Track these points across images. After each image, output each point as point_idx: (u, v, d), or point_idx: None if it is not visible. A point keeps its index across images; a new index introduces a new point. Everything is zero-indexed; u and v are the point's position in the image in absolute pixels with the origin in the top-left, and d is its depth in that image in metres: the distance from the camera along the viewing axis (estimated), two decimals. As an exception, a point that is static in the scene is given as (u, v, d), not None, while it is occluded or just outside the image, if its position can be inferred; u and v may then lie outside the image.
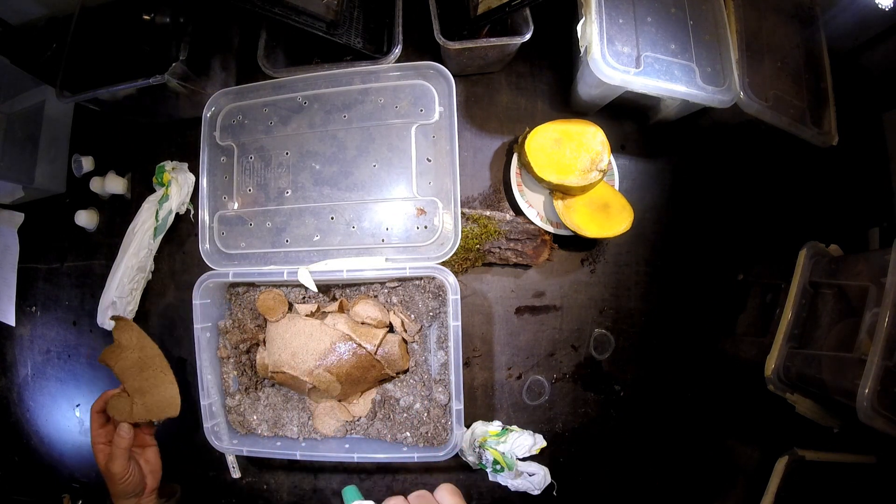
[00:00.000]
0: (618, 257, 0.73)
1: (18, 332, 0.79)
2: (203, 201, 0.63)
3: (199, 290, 0.60)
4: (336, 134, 0.62)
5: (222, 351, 0.63)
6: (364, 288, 0.65)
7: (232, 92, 0.65)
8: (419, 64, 0.60)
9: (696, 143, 0.75)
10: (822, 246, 0.64)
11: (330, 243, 0.61)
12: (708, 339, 0.66)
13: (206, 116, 0.64)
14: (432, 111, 0.60)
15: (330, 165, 0.62)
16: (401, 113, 0.61)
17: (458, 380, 0.57)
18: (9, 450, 0.79)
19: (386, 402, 0.63)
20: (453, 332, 0.57)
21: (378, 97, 0.62)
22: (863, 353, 0.52)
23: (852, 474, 0.63)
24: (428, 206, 0.60)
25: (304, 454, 0.59)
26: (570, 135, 0.65)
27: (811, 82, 0.68)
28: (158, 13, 0.64)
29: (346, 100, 0.62)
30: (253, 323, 0.64)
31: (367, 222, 0.61)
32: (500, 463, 0.67)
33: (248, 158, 0.64)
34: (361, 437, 0.63)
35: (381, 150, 0.61)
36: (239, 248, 0.63)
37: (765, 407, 0.59)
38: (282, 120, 0.64)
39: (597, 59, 0.57)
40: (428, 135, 0.61)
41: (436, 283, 0.61)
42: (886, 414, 0.48)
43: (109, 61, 0.65)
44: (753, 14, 0.66)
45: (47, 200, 0.79)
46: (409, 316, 0.63)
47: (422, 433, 0.61)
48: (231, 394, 0.63)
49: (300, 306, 0.62)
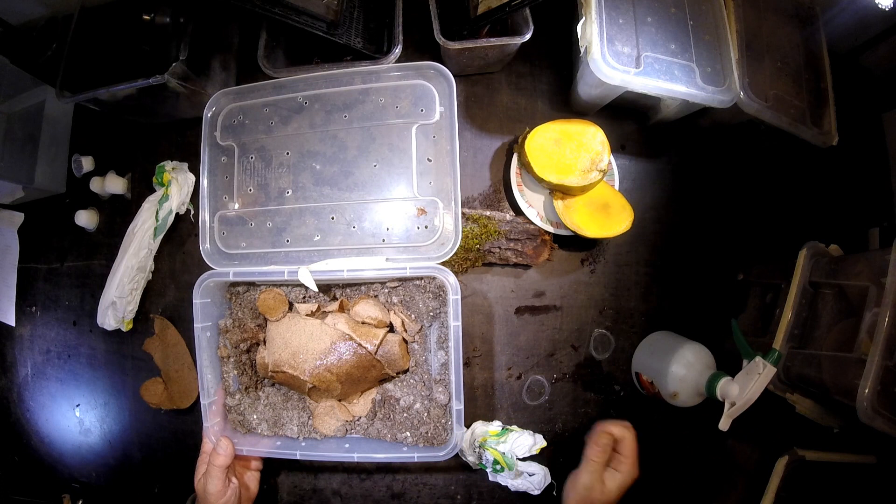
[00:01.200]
0: (618, 257, 0.73)
1: (18, 332, 0.79)
2: (203, 201, 0.63)
3: (200, 290, 0.60)
4: (336, 134, 0.62)
5: (222, 350, 0.63)
6: (364, 288, 0.65)
7: (232, 92, 0.64)
8: (420, 64, 0.60)
9: (696, 143, 0.75)
10: (822, 246, 0.64)
11: (330, 243, 0.61)
12: (708, 339, 0.66)
13: (206, 116, 0.64)
14: (433, 111, 0.60)
15: (330, 165, 0.62)
16: (401, 113, 0.61)
17: (458, 380, 0.57)
18: (9, 450, 0.79)
19: (386, 401, 0.63)
20: (454, 332, 0.57)
21: (379, 97, 0.62)
22: (863, 353, 0.52)
23: (852, 474, 0.63)
24: (428, 206, 0.60)
25: (305, 454, 0.59)
26: (570, 135, 0.65)
27: (811, 82, 0.68)
28: (158, 13, 0.64)
29: (346, 100, 0.62)
30: (253, 322, 0.64)
31: (368, 222, 0.61)
32: (500, 463, 0.67)
33: (249, 158, 0.64)
34: (361, 437, 0.63)
35: (381, 150, 0.61)
36: (239, 247, 0.63)
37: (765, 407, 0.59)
38: (282, 120, 0.63)
39: (597, 59, 0.57)
40: (428, 135, 0.60)
41: (436, 283, 0.61)
42: (886, 414, 0.48)
43: (109, 61, 0.65)
44: (753, 14, 0.66)
45: (47, 200, 0.79)
46: (409, 316, 0.63)
47: (422, 433, 0.61)
48: (231, 393, 0.63)
49: (300, 306, 0.62)
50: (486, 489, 0.70)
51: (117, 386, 0.75)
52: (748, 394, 0.55)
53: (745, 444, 0.69)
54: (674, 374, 0.63)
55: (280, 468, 0.72)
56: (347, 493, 0.71)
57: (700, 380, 0.61)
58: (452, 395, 0.57)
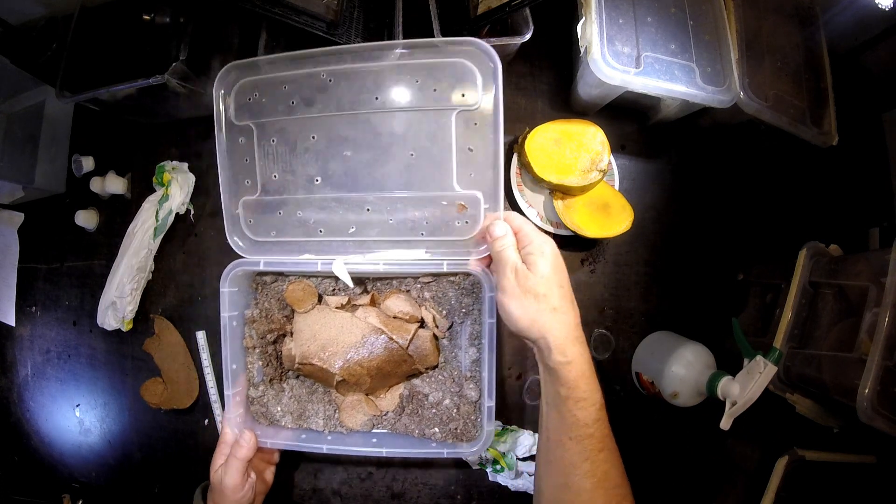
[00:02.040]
0: (618, 257, 0.73)
1: (18, 332, 0.79)
2: (223, 185, 0.59)
3: (228, 279, 0.58)
4: (368, 118, 0.57)
5: (248, 341, 0.62)
6: (396, 282, 0.65)
7: (244, 65, 0.58)
8: (459, 40, 0.53)
9: (696, 143, 0.75)
10: (822, 246, 0.64)
11: (367, 235, 0.59)
12: (708, 339, 0.66)
13: (218, 94, 0.58)
14: (475, 95, 0.54)
15: (363, 153, 0.57)
16: (440, 97, 0.55)
17: (490, 376, 0.56)
18: (9, 450, 0.79)
19: (414, 397, 0.62)
20: (488, 328, 0.56)
21: (414, 77, 0.55)
22: (863, 353, 0.52)
23: (852, 474, 0.63)
24: (469, 201, 0.56)
25: (331, 448, 0.58)
26: (570, 135, 0.65)
27: (811, 82, 0.68)
28: (158, 13, 0.64)
29: (377, 79, 0.56)
30: (281, 313, 0.63)
31: (405, 215, 0.58)
32: (500, 463, 0.67)
33: (270, 142, 0.59)
34: (388, 432, 0.62)
35: (418, 138, 0.56)
36: (269, 236, 0.60)
37: (765, 407, 0.59)
38: (304, 100, 0.57)
39: (597, 59, 0.57)
40: (469, 122, 0.55)
41: (471, 279, 0.61)
42: (886, 414, 0.48)
43: (109, 61, 0.65)
44: (753, 14, 0.66)
45: (47, 200, 0.79)
46: (440, 312, 0.63)
47: (451, 429, 0.60)
48: (255, 384, 0.61)
49: (330, 298, 0.61)
50: (486, 489, 0.70)
51: (117, 386, 0.75)
52: (749, 393, 0.55)
53: (745, 444, 0.69)
54: (674, 374, 0.63)
55: (279, 468, 0.72)
56: (347, 493, 0.71)
57: (700, 379, 0.61)
58: (484, 391, 0.57)
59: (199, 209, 0.74)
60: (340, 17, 0.63)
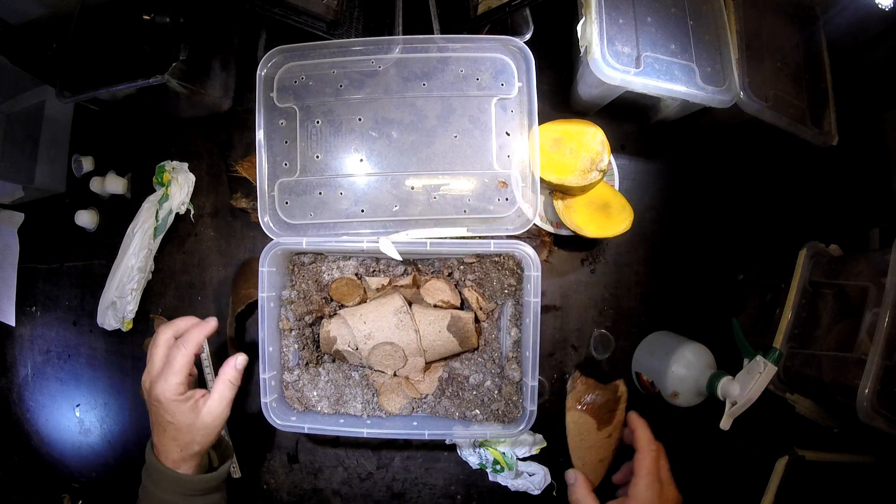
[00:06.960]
0: (618, 257, 0.73)
1: (18, 332, 0.79)
2: (261, 168, 0.60)
3: (268, 258, 0.57)
4: (415, 102, 0.60)
5: (284, 323, 0.61)
6: (438, 263, 0.65)
7: (291, 50, 0.61)
8: (501, 38, 0.61)
9: (696, 143, 0.75)
10: (822, 246, 0.64)
11: (410, 213, 0.60)
12: (708, 339, 0.66)
13: (260, 75, 0.60)
14: (512, 86, 0.60)
15: (409, 134, 0.60)
16: (482, 85, 0.61)
17: (535, 357, 0.57)
18: (9, 450, 0.79)
19: (454, 379, 0.62)
20: (532, 308, 0.57)
21: (458, 67, 0.61)
22: (863, 353, 0.52)
23: (852, 474, 0.63)
24: (508, 179, 0.60)
25: (371, 432, 0.58)
26: (570, 135, 0.65)
27: (811, 82, 0.68)
28: (158, 13, 0.64)
29: (424, 67, 0.61)
30: (319, 295, 0.62)
31: (448, 193, 0.60)
32: (500, 463, 0.67)
33: (315, 123, 0.60)
34: (428, 415, 0.62)
35: (461, 122, 0.60)
36: (307, 218, 0.60)
37: (765, 407, 0.59)
38: (353, 84, 0.61)
39: (597, 59, 0.57)
40: (507, 108, 0.61)
41: (514, 259, 0.61)
42: (886, 414, 0.48)
43: (109, 61, 0.65)
44: (753, 14, 0.66)
45: (47, 200, 0.79)
46: (482, 294, 0.63)
47: (493, 410, 0.60)
48: (290, 368, 0.61)
49: (371, 279, 0.62)
50: (486, 489, 0.71)
51: (117, 386, 0.75)
52: (749, 392, 0.55)
53: (745, 444, 0.69)
54: (674, 374, 0.63)
55: (279, 468, 0.72)
56: (347, 494, 0.71)
57: (700, 379, 0.61)
58: (528, 371, 0.57)
59: (199, 209, 0.74)
60: (340, 17, 0.63)
